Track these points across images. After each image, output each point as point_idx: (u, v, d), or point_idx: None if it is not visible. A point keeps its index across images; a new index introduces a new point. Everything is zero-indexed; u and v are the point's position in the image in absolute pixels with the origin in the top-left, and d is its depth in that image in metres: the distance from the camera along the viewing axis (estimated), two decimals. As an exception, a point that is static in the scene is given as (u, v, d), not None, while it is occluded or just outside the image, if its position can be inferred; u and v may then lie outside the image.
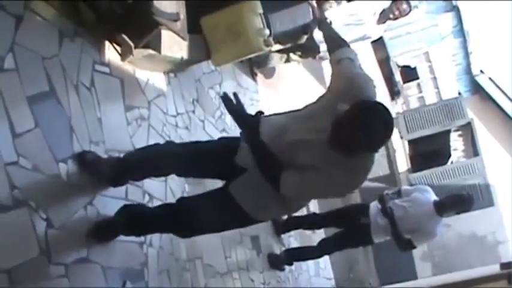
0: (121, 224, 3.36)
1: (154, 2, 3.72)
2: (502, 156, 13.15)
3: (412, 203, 5.60)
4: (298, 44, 6.66)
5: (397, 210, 5.58)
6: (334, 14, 6.58)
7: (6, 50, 2.94)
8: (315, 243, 6.55)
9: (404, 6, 6.38)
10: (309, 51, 6.81)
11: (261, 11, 5.13)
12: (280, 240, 6.54)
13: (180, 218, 3.16)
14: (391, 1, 6.51)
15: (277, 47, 6.38)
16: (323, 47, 6.55)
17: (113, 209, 3.42)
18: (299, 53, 6.95)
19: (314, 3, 3.92)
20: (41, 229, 2.88)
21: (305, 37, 6.48)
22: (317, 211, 7.58)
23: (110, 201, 3.50)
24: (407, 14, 6.46)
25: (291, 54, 6.94)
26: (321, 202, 8.16)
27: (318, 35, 6.45)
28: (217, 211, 3.08)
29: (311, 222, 6.55)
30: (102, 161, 3.37)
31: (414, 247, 5.66)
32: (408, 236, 5.51)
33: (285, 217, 6.46)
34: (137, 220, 3.38)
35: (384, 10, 6.47)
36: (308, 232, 7.28)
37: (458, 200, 5.58)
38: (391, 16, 6.42)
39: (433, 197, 5.67)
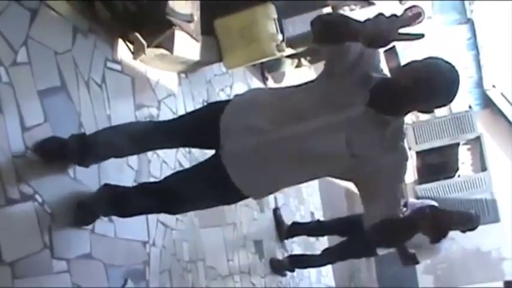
0: (102, 203, 3.16)
1: (169, 2, 3.74)
2: (510, 172, 13.08)
3: None
4: (309, 48, 6.67)
5: None
6: None
7: (20, 43, 2.95)
8: (318, 251, 6.53)
9: (419, 13, 6.35)
10: (319, 55, 6.82)
11: (275, 16, 5.14)
12: (283, 245, 6.53)
13: (168, 191, 2.93)
14: (404, 8, 6.50)
15: (289, 51, 6.38)
16: None
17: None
18: (309, 58, 6.95)
19: None
20: (45, 223, 2.88)
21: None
22: (322, 218, 7.57)
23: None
24: (420, 21, 6.43)
25: (302, 59, 6.95)
26: (326, 210, 8.15)
27: None
28: (205, 182, 2.79)
29: (315, 229, 6.53)
30: (65, 146, 3.06)
31: (417, 262, 5.62)
32: (412, 251, 5.47)
33: (289, 223, 6.45)
34: (120, 199, 3.16)
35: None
36: (312, 239, 7.26)
37: (465, 219, 5.52)
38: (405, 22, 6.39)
39: None
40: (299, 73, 8.11)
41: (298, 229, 6.50)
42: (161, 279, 3.92)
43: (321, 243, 7.37)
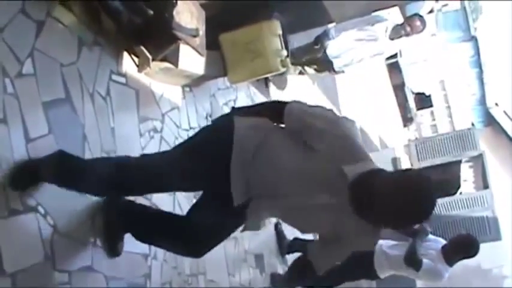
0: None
1: (175, 16, 3.75)
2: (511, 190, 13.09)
3: (426, 251, 5.58)
4: (313, 58, 6.71)
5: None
6: (346, 31, 6.61)
7: (26, 55, 2.97)
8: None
9: (418, 23, 6.42)
10: (324, 65, 6.85)
11: (280, 31, 5.16)
12: (284, 260, 6.51)
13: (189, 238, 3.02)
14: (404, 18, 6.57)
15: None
16: (336, 63, 6.60)
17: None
18: (315, 67, 6.98)
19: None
20: (47, 235, 2.89)
21: (316, 48, 6.53)
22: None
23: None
24: (420, 31, 6.49)
25: (306, 67, 6.98)
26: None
27: (331, 50, 6.52)
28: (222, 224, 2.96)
29: None
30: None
31: (418, 269, 5.57)
32: (423, 260, 5.47)
33: (291, 238, 6.44)
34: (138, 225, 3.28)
35: (396, 25, 6.50)
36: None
37: (464, 246, 5.58)
38: (405, 31, 6.44)
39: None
40: (302, 86, 8.13)
41: (299, 245, 6.48)
42: (162, 292, 3.92)
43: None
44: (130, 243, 3.55)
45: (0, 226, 2.59)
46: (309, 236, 7.01)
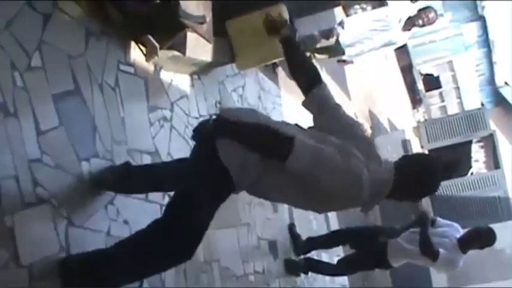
0: None
1: (181, 4, 3.74)
2: (523, 169, 13.02)
3: (441, 239, 5.53)
4: (324, 46, 6.72)
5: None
6: (359, 19, 6.61)
7: (34, 48, 2.97)
8: (331, 252, 6.52)
9: (433, 14, 6.43)
10: (335, 53, 6.86)
11: (287, 16, 5.13)
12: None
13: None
14: (418, 8, 6.56)
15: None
16: (348, 51, 6.60)
17: (133, 209, 3.49)
18: (325, 54, 7.00)
19: None
20: (61, 227, 2.90)
21: (331, 40, 6.55)
22: (336, 225, 7.58)
23: (130, 201, 3.52)
24: (433, 22, 6.52)
25: (316, 54, 6.99)
26: (340, 213, 8.12)
27: (344, 38, 6.51)
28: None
29: (329, 241, 6.57)
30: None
31: (435, 259, 5.54)
32: (439, 249, 5.42)
33: (305, 238, 6.45)
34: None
35: (410, 17, 6.51)
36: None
37: (483, 240, 5.56)
38: (420, 23, 6.45)
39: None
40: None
41: (314, 243, 6.51)
42: (176, 279, 3.92)
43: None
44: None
45: (15, 219, 2.61)
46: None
